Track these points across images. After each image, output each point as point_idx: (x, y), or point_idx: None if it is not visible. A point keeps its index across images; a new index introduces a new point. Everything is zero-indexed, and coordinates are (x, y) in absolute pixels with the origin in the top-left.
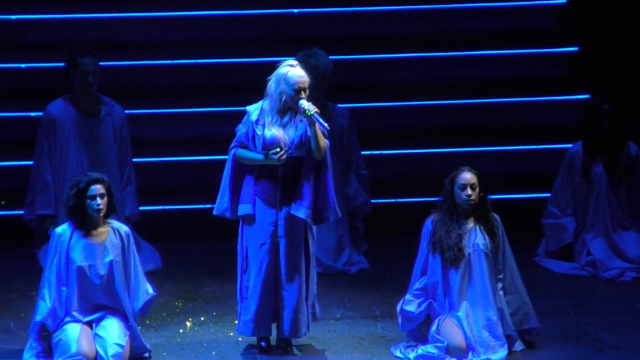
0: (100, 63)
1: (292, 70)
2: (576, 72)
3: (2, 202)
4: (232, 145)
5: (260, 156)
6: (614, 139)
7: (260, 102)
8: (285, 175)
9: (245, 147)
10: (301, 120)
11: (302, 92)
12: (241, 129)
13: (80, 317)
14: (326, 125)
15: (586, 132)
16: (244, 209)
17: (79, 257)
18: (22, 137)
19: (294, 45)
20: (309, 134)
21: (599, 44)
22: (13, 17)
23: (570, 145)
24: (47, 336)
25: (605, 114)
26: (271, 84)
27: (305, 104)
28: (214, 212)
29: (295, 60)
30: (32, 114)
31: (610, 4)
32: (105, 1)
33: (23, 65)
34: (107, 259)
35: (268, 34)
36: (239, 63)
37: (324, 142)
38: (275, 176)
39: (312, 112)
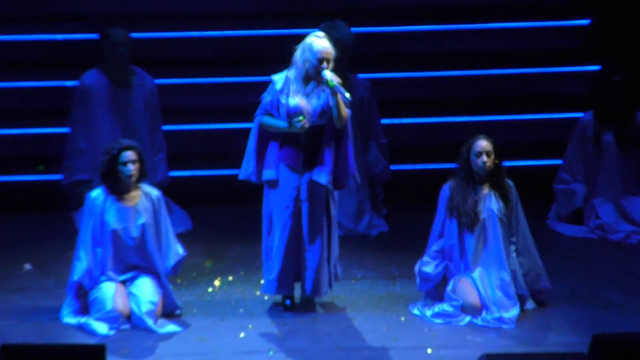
0: (131, 34)
1: (318, 40)
2: (588, 44)
3: (41, 167)
4: (257, 112)
5: (284, 124)
6: (624, 109)
7: (286, 72)
8: (308, 143)
9: (270, 115)
10: (323, 90)
11: (325, 62)
12: (266, 97)
13: (115, 277)
14: (347, 95)
15: (597, 102)
16: (268, 174)
17: (112, 220)
18: (59, 106)
19: (316, 17)
20: (330, 103)
21: (610, 16)
22: None
23: (581, 115)
24: (83, 294)
25: (616, 84)
26: (297, 52)
27: (328, 74)
28: (240, 177)
29: (322, 32)
30: (67, 83)
31: None
32: None
33: (59, 37)
34: (140, 222)
35: (291, 7)
36: (264, 35)
37: (345, 111)
38: (298, 143)
39: (334, 83)
